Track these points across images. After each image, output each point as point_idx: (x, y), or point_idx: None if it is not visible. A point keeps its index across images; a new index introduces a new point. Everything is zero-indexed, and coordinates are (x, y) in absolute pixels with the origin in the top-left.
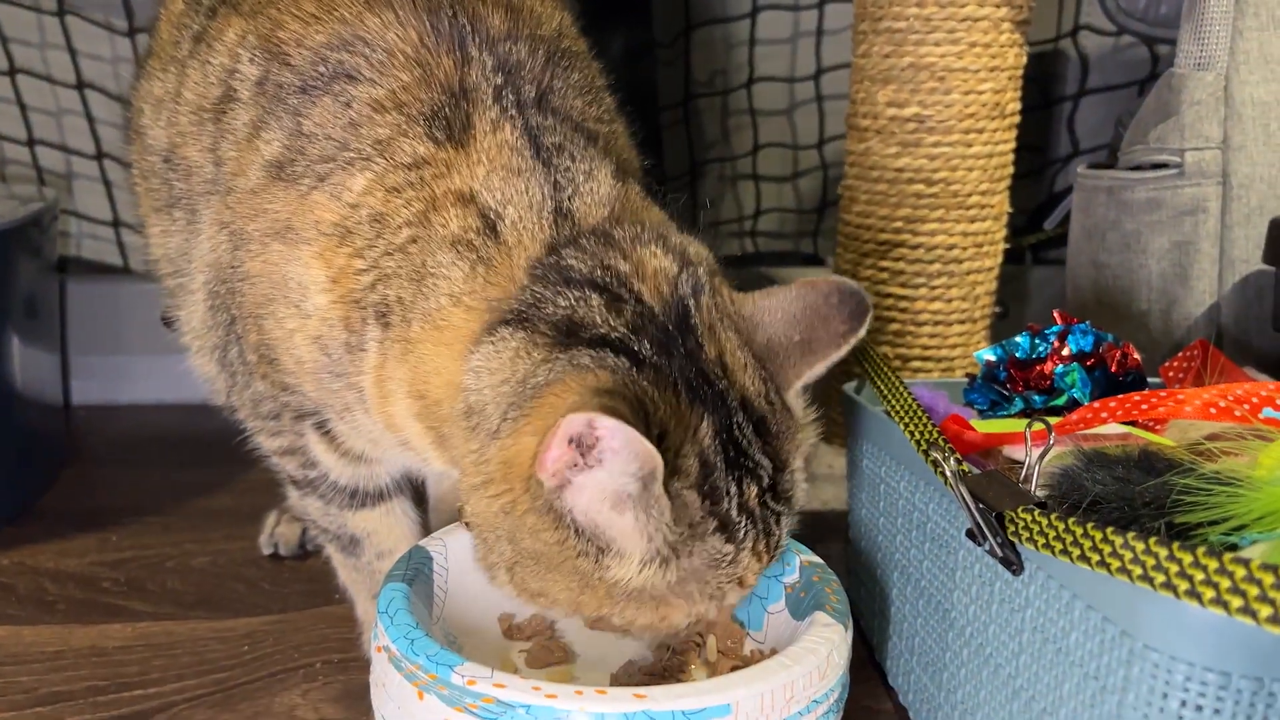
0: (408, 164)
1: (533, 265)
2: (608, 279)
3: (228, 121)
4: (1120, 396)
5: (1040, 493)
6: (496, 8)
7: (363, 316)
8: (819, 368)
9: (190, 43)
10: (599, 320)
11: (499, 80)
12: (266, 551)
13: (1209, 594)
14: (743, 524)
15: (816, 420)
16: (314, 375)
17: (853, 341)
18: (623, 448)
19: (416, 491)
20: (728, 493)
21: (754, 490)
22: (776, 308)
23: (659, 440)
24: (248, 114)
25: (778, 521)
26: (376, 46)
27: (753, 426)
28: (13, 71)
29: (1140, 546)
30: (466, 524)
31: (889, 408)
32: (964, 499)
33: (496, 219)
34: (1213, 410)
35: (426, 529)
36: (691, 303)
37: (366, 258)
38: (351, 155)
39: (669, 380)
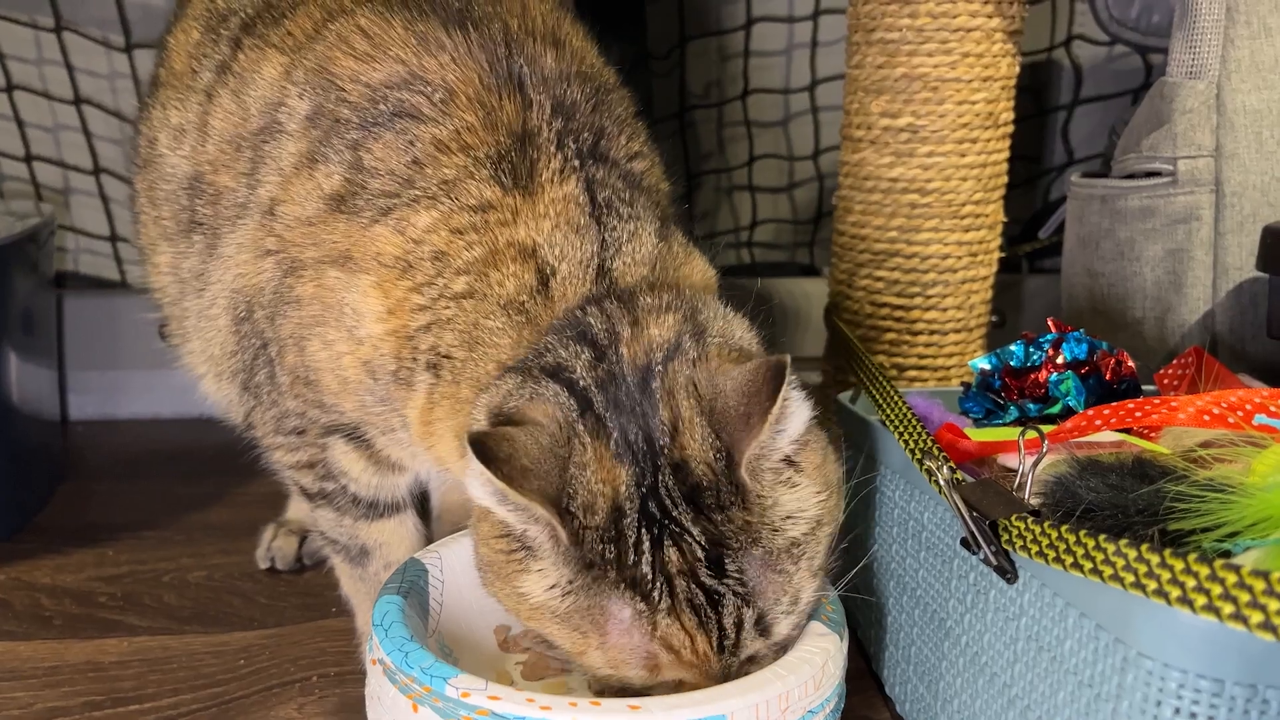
0: (474, 206)
1: (558, 317)
2: (607, 340)
3: (270, 151)
4: (1115, 404)
5: (1034, 501)
6: (546, 45)
7: (414, 356)
8: (755, 441)
9: (213, 73)
10: (577, 369)
11: (559, 125)
12: (263, 566)
13: (1200, 600)
14: (658, 585)
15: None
16: (356, 395)
17: (774, 413)
18: (479, 473)
19: (421, 504)
20: (637, 546)
21: (675, 554)
22: (740, 376)
23: (565, 478)
24: (297, 146)
25: (717, 603)
26: (437, 86)
27: (682, 491)
28: (10, 88)
29: (1132, 554)
30: None
31: (884, 417)
32: (958, 507)
33: (551, 274)
34: (1207, 417)
35: (430, 541)
36: (660, 369)
37: (425, 294)
38: (416, 193)
39: (606, 432)
